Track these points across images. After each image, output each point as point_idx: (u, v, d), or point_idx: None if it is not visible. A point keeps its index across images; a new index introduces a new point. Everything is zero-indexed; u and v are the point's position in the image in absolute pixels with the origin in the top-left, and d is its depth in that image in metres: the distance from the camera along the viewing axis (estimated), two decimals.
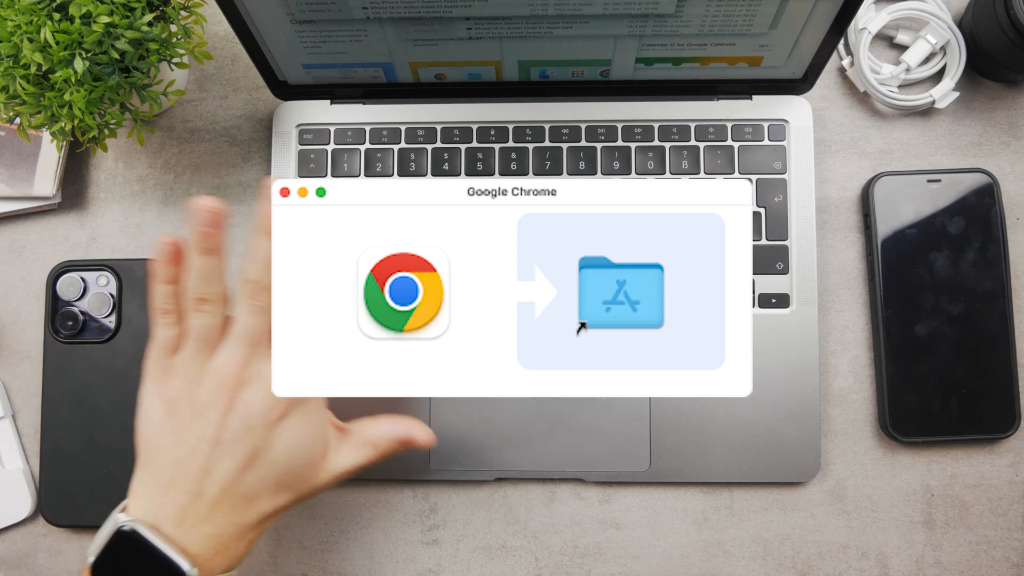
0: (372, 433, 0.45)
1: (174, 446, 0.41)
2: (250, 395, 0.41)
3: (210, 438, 0.40)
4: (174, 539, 0.39)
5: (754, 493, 0.54)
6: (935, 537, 0.54)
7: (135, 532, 0.39)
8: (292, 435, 0.41)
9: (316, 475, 0.43)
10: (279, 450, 0.41)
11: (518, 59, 0.52)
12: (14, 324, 0.57)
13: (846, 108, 0.57)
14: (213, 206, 0.41)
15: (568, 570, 0.54)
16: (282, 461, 0.41)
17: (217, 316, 0.42)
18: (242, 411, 0.40)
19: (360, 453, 0.44)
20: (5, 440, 0.55)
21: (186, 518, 0.40)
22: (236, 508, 0.41)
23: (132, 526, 0.39)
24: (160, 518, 0.40)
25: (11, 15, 0.44)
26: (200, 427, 0.40)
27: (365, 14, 0.47)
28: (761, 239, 0.54)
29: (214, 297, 0.42)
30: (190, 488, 0.40)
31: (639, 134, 0.55)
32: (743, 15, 0.47)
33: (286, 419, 0.41)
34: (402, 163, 0.55)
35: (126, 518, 0.40)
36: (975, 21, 0.55)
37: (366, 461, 0.44)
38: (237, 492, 0.40)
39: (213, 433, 0.40)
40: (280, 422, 0.41)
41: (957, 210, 0.54)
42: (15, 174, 0.56)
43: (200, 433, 0.40)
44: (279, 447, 0.41)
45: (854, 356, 0.55)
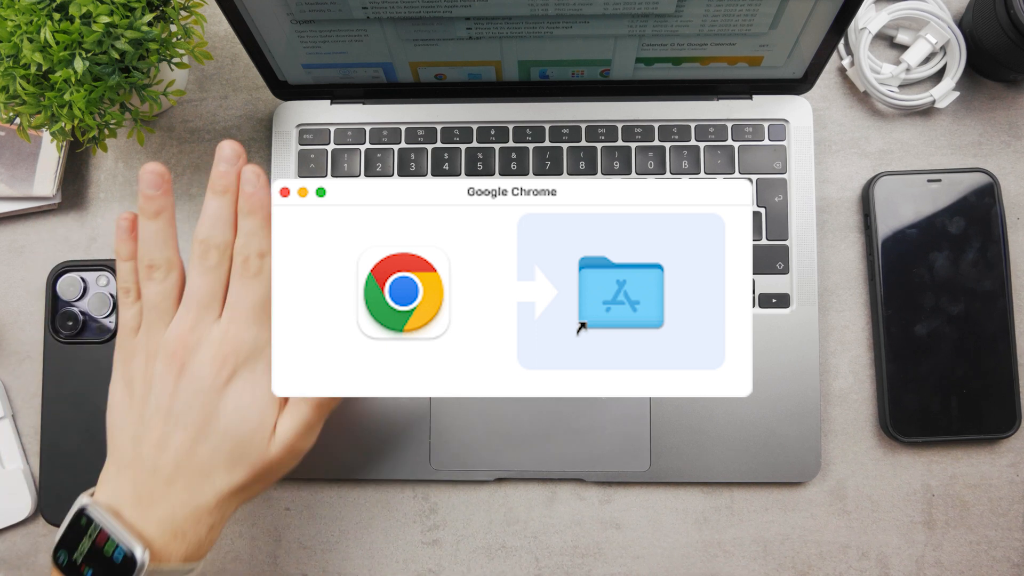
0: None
1: (132, 425, 0.40)
2: (198, 359, 0.40)
3: (163, 408, 0.40)
4: (131, 522, 0.39)
5: (754, 493, 0.54)
6: (935, 537, 0.54)
7: (93, 514, 0.39)
8: (240, 398, 0.40)
9: (267, 445, 0.41)
10: (229, 415, 0.40)
11: (518, 59, 0.52)
12: (14, 324, 0.57)
13: (846, 108, 0.57)
14: (156, 169, 0.41)
15: (568, 570, 0.54)
16: (232, 428, 0.40)
17: (168, 282, 0.41)
18: (190, 376, 0.40)
19: (297, 413, 0.42)
20: (5, 440, 0.55)
21: (143, 498, 0.39)
22: (191, 484, 0.40)
23: (91, 509, 0.39)
24: (120, 500, 0.40)
25: (11, 15, 0.44)
26: (154, 399, 0.40)
27: (365, 14, 0.47)
28: (761, 239, 0.54)
29: (163, 263, 0.41)
30: (147, 464, 0.40)
31: (639, 134, 0.55)
32: (743, 15, 0.47)
33: (233, 381, 0.40)
34: (402, 163, 0.55)
35: (88, 500, 0.40)
36: (975, 21, 0.54)
37: (306, 419, 0.42)
38: (191, 465, 0.40)
39: (166, 403, 0.40)
40: (228, 385, 0.40)
41: (957, 210, 0.54)
42: (15, 174, 0.56)
43: (154, 405, 0.40)
44: (228, 412, 0.40)
45: (854, 356, 0.55)
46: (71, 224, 0.58)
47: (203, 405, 0.40)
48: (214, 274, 0.41)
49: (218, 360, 0.40)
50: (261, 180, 0.41)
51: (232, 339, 0.40)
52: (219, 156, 0.41)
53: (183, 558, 0.40)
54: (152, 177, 0.41)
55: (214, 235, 0.41)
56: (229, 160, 0.41)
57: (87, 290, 0.55)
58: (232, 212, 0.41)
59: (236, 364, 0.40)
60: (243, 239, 0.41)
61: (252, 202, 0.41)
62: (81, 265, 0.55)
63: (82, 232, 0.58)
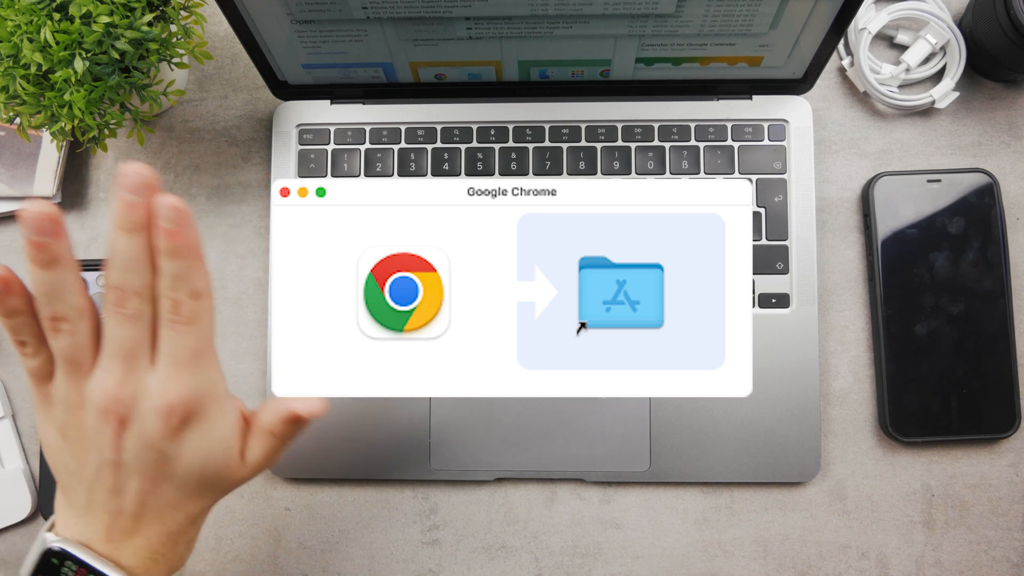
0: (263, 421, 0.40)
1: (80, 470, 0.38)
2: (141, 414, 0.37)
3: (110, 460, 0.37)
4: (106, 554, 0.37)
5: (754, 493, 0.54)
6: (935, 537, 0.54)
7: (66, 552, 0.37)
8: (198, 442, 0.38)
9: (237, 471, 0.40)
10: (188, 458, 0.38)
11: (518, 59, 0.52)
12: None
13: (846, 108, 0.57)
14: (43, 211, 0.34)
15: (568, 570, 0.54)
16: (196, 467, 0.38)
17: (79, 333, 0.36)
18: (135, 431, 0.37)
19: (262, 444, 0.40)
20: (5, 440, 0.55)
21: (113, 535, 0.38)
22: (162, 516, 0.38)
23: (61, 546, 0.37)
24: (89, 536, 0.38)
25: (11, 15, 0.44)
26: (96, 451, 0.37)
27: (365, 14, 0.47)
28: (761, 239, 0.54)
29: (70, 313, 0.36)
30: (109, 507, 0.38)
31: (639, 134, 0.55)
32: (743, 15, 0.47)
33: (187, 429, 0.37)
34: (402, 163, 0.55)
35: (54, 538, 0.37)
36: (975, 21, 0.54)
37: (271, 450, 0.40)
38: (158, 503, 0.38)
39: (112, 455, 0.37)
40: (180, 433, 0.37)
41: (957, 210, 0.54)
42: (15, 174, 0.56)
43: (98, 456, 0.37)
44: (187, 455, 0.38)
45: (854, 356, 0.55)
46: (71, 224, 0.58)
47: (157, 455, 0.37)
48: (136, 322, 0.36)
49: (163, 412, 0.36)
50: (183, 216, 0.35)
51: (175, 391, 0.36)
52: (122, 183, 0.35)
53: (167, 573, 0.39)
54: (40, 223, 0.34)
55: (130, 280, 0.36)
56: (136, 189, 0.35)
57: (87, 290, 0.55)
58: (147, 249, 0.36)
59: (184, 414, 0.37)
60: (170, 282, 0.36)
61: (175, 242, 0.35)
62: (81, 265, 0.55)
63: (82, 232, 0.58)
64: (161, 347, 0.37)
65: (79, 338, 0.36)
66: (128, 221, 0.35)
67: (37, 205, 0.34)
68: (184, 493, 0.39)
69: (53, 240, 0.35)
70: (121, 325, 0.36)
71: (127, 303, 0.36)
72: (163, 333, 0.37)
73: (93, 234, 0.57)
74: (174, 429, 0.37)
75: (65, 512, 0.39)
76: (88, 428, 0.37)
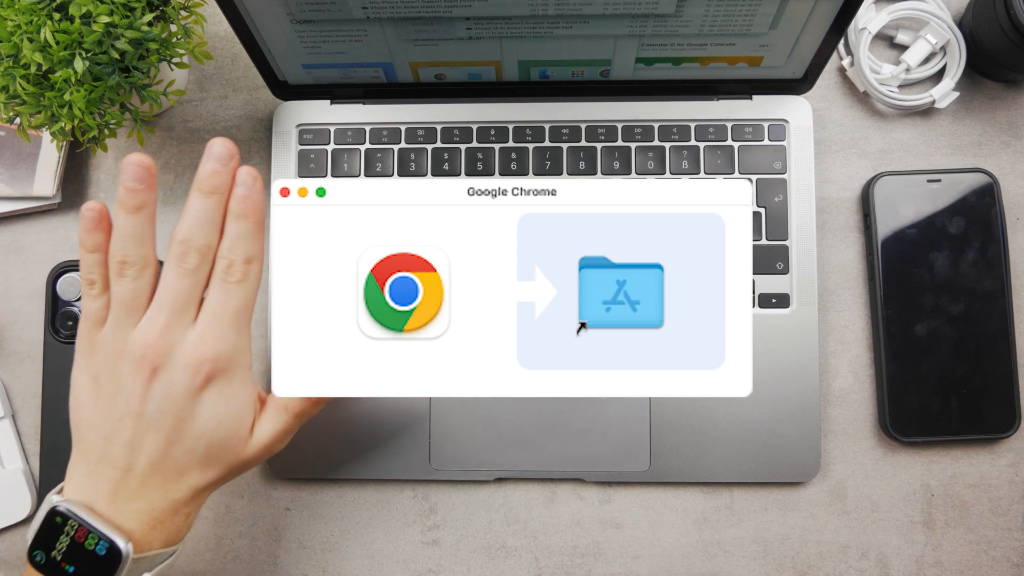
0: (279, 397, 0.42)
1: (101, 422, 0.40)
2: (171, 364, 0.39)
3: (134, 411, 0.39)
4: (108, 516, 0.39)
5: (754, 493, 0.54)
6: (935, 537, 0.54)
7: (69, 511, 0.38)
8: (215, 405, 0.40)
9: (243, 447, 0.41)
10: (204, 421, 0.39)
11: (518, 59, 0.52)
12: (14, 324, 0.57)
13: (846, 108, 0.57)
14: (143, 161, 0.39)
15: (568, 570, 0.54)
16: (208, 433, 0.40)
17: (141, 280, 0.39)
18: (164, 381, 0.39)
19: (276, 420, 0.42)
20: (5, 440, 0.55)
21: (118, 494, 0.39)
22: (167, 482, 0.40)
23: (65, 506, 0.39)
24: (94, 496, 0.39)
25: (11, 15, 0.44)
26: (123, 401, 0.39)
27: (365, 14, 0.47)
28: (761, 239, 0.54)
29: (138, 260, 0.39)
30: (120, 463, 0.39)
31: (639, 134, 0.55)
32: (743, 15, 0.47)
33: (209, 388, 0.39)
34: (402, 163, 0.55)
35: (59, 499, 0.39)
36: (975, 21, 0.54)
37: (284, 426, 0.42)
38: (166, 466, 0.39)
39: (137, 406, 0.39)
40: (203, 391, 0.39)
41: (957, 210, 0.54)
42: (15, 174, 0.56)
43: (124, 407, 0.39)
44: (203, 418, 0.39)
45: (854, 356, 0.55)
46: (71, 224, 0.58)
47: (177, 411, 0.39)
48: (192, 277, 0.39)
49: (192, 366, 0.39)
50: (258, 184, 0.40)
51: (209, 346, 0.39)
52: (209, 154, 0.39)
53: (163, 544, 0.40)
54: (137, 170, 0.38)
55: (195, 237, 0.39)
56: (221, 159, 0.39)
57: None
58: (219, 214, 0.40)
59: (212, 371, 0.39)
60: (230, 243, 0.40)
61: (245, 205, 0.40)
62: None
63: None
64: (206, 304, 0.40)
65: (140, 284, 0.39)
66: (208, 184, 0.39)
67: (138, 156, 0.39)
68: (193, 459, 0.40)
69: (145, 189, 0.39)
70: (178, 278, 0.39)
71: (188, 257, 0.39)
72: (211, 291, 0.40)
73: None
74: (199, 385, 0.39)
75: (74, 472, 0.40)
76: (121, 376, 0.39)
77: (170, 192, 0.58)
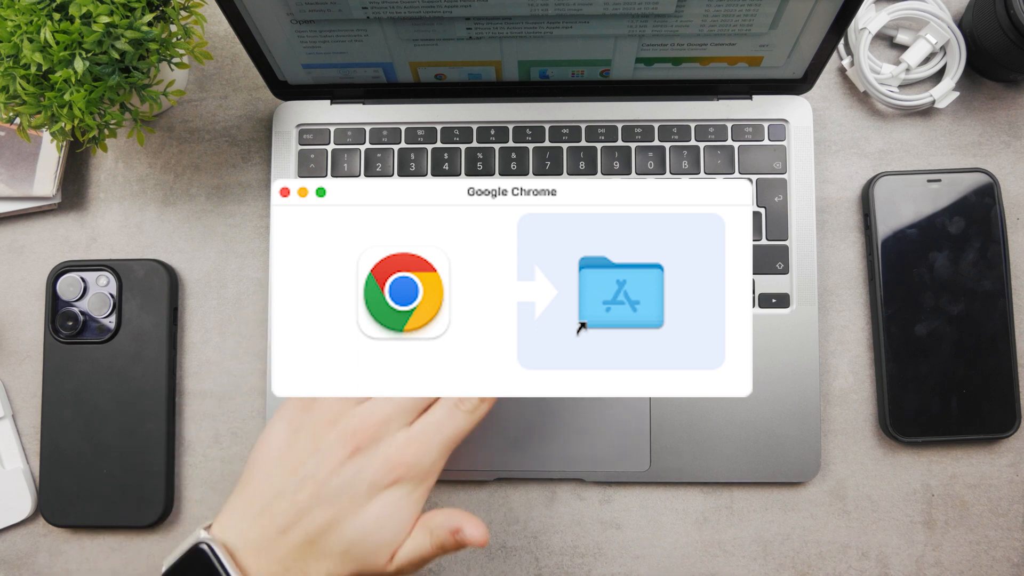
0: (430, 520, 0.41)
1: (281, 477, 0.40)
2: (373, 453, 0.39)
3: (319, 479, 0.39)
4: (245, 568, 0.39)
5: (754, 493, 0.54)
6: (935, 537, 0.54)
7: (211, 551, 0.38)
8: (386, 507, 0.40)
9: (386, 561, 0.40)
10: (368, 519, 0.39)
11: (518, 59, 0.52)
12: (14, 324, 0.57)
13: (846, 108, 0.57)
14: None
15: (568, 570, 0.54)
16: (366, 530, 0.39)
17: None
18: (359, 464, 0.39)
19: (417, 541, 0.41)
20: (5, 440, 0.55)
21: (264, 551, 0.39)
22: (308, 560, 0.39)
23: (210, 544, 0.38)
24: (240, 544, 0.39)
25: (11, 15, 0.44)
26: (314, 465, 0.39)
27: (365, 14, 0.47)
28: (761, 239, 0.54)
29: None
30: (280, 522, 0.39)
31: (639, 134, 0.55)
32: (743, 15, 0.47)
33: (390, 490, 0.40)
34: (402, 163, 0.55)
35: (207, 535, 0.39)
36: (975, 21, 0.54)
37: (423, 551, 0.41)
38: (318, 544, 0.39)
39: (324, 476, 0.39)
40: (384, 491, 0.39)
41: (957, 210, 0.54)
42: (15, 174, 0.56)
43: (312, 472, 0.39)
44: (371, 515, 0.39)
45: (854, 356, 0.55)
46: (71, 224, 0.58)
47: (355, 495, 0.39)
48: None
49: (390, 464, 0.39)
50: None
51: (413, 453, 0.40)
52: None
53: None
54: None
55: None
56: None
57: (87, 290, 0.55)
58: None
59: (402, 476, 0.40)
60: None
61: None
62: (81, 265, 0.55)
63: (82, 232, 0.58)
64: (428, 416, 0.41)
65: None
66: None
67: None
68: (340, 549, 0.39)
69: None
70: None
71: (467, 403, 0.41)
72: (437, 406, 0.41)
73: (93, 234, 0.57)
74: (385, 484, 0.39)
75: (232, 511, 0.40)
76: (323, 442, 0.40)
77: (170, 192, 0.58)
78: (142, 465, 0.54)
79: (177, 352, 0.56)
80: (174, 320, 0.56)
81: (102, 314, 0.55)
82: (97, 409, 0.54)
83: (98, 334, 0.55)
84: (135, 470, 0.54)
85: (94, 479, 0.54)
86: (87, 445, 0.54)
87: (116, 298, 0.55)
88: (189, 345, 0.56)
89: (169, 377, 0.55)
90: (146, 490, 0.54)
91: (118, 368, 0.54)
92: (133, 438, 0.54)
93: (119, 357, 0.54)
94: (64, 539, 0.55)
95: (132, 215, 0.58)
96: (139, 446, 0.54)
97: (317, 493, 0.39)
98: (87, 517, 0.54)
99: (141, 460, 0.54)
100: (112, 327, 0.55)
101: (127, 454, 0.54)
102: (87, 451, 0.54)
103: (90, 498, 0.54)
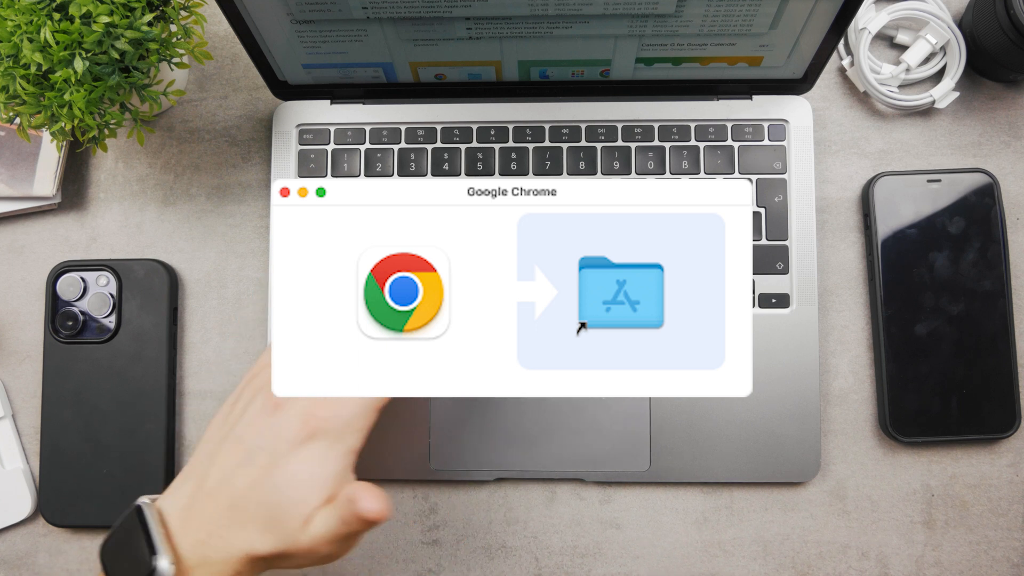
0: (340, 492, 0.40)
1: (212, 443, 0.41)
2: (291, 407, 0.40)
3: (242, 440, 0.40)
4: (172, 532, 0.39)
5: (754, 493, 0.54)
6: (935, 537, 0.54)
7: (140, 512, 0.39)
8: (300, 466, 0.39)
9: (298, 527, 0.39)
10: (283, 477, 0.39)
11: (518, 59, 0.52)
12: (14, 324, 0.57)
13: (846, 108, 0.57)
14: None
15: (568, 570, 0.54)
16: (280, 490, 0.39)
17: None
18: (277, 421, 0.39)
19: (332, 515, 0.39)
20: (5, 440, 0.55)
21: (191, 517, 0.39)
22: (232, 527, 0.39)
23: (143, 507, 0.40)
24: (171, 509, 0.40)
25: (11, 15, 0.44)
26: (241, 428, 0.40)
27: (365, 14, 0.47)
28: (761, 239, 0.54)
29: None
30: (207, 485, 0.40)
31: (639, 134, 0.55)
32: (743, 15, 0.47)
33: (306, 445, 0.39)
34: (402, 163, 0.55)
35: (147, 500, 0.40)
36: (975, 21, 0.54)
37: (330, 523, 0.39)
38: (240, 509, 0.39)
39: (247, 436, 0.40)
40: (301, 446, 0.39)
41: (957, 210, 0.54)
42: (15, 174, 0.56)
43: (238, 433, 0.40)
44: (284, 474, 0.39)
45: (854, 356, 0.55)
46: (71, 224, 0.58)
47: (274, 454, 0.39)
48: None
49: (304, 415, 0.39)
50: None
51: (328, 405, 0.39)
52: None
53: None
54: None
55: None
56: None
57: (87, 290, 0.55)
58: None
59: (317, 429, 0.39)
60: None
61: None
62: (81, 265, 0.55)
63: (82, 232, 0.58)
64: None
65: None
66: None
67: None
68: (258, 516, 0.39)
69: None
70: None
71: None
72: None
73: (93, 234, 0.57)
74: (302, 438, 0.39)
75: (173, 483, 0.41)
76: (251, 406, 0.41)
77: (170, 192, 0.58)
78: (142, 465, 0.54)
79: (177, 352, 0.56)
80: (174, 320, 0.56)
81: (102, 314, 0.55)
82: (97, 409, 0.54)
83: (98, 334, 0.55)
84: (135, 470, 0.54)
85: (94, 479, 0.54)
86: (87, 445, 0.54)
87: (116, 298, 0.55)
88: (189, 345, 0.56)
89: (169, 377, 0.55)
90: (146, 490, 0.54)
91: (118, 368, 0.54)
92: (133, 438, 0.54)
93: (119, 357, 0.54)
94: (64, 539, 0.55)
95: (132, 215, 0.58)
96: (139, 446, 0.54)
97: (239, 452, 0.40)
98: (87, 517, 0.54)
99: (141, 460, 0.54)
100: (112, 327, 0.55)
101: (127, 454, 0.54)
102: (87, 451, 0.54)
103: (90, 498, 0.54)
